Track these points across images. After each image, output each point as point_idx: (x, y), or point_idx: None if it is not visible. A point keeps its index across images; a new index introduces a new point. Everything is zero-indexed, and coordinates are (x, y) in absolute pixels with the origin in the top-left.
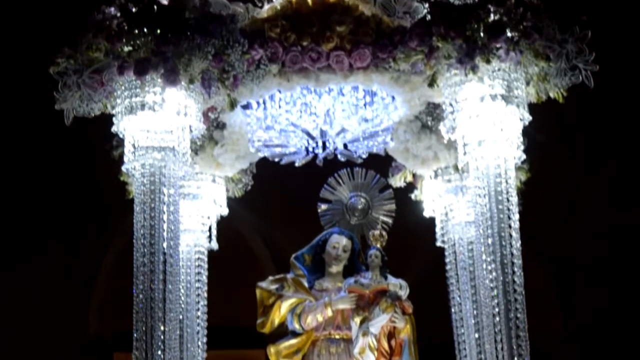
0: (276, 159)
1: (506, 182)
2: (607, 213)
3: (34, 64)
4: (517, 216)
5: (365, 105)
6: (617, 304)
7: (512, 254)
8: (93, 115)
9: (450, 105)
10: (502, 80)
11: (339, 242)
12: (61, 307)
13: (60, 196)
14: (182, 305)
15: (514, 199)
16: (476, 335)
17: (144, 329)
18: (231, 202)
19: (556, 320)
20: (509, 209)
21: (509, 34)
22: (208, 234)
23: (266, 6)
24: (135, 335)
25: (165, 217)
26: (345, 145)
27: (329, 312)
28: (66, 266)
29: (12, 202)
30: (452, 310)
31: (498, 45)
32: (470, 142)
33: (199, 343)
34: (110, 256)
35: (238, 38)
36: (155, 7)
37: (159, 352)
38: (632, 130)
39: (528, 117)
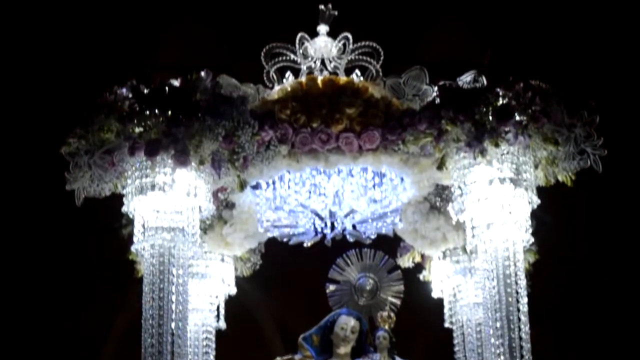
0: (285, 239)
1: (515, 265)
2: (620, 296)
3: (45, 144)
4: (525, 299)
5: (374, 186)
6: None
7: (520, 338)
8: (104, 195)
9: (459, 187)
10: (510, 164)
11: (347, 323)
12: None
13: (67, 274)
14: None
15: (523, 282)
16: None
17: None
18: (240, 281)
19: None
20: (517, 292)
21: (517, 118)
22: (216, 313)
23: (276, 87)
24: None
25: (174, 297)
26: (354, 226)
27: None
28: (72, 344)
29: (19, 280)
30: None
31: (507, 129)
32: (479, 225)
33: None
34: (117, 335)
35: (248, 120)
36: (166, 88)
37: None
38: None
39: (536, 201)
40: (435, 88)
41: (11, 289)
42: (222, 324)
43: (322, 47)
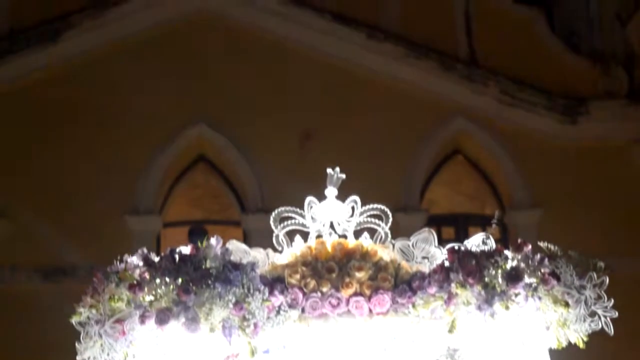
0: None
1: None
2: None
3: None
4: None
5: (385, 349)
6: None
7: None
8: None
9: (470, 349)
10: (521, 326)
11: None
12: None
13: None
14: None
15: None
16: None
17: None
18: None
19: None
20: None
21: (527, 281)
22: None
23: (286, 251)
24: None
25: None
26: None
27: None
28: None
29: None
30: None
31: (517, 292)
32: None
33: None
34: None
35: (258, 286)
36: (176, 256)
37: None
38: None
39: None
40: (444, 250)
41: None
42: None
43: (331, 211)
